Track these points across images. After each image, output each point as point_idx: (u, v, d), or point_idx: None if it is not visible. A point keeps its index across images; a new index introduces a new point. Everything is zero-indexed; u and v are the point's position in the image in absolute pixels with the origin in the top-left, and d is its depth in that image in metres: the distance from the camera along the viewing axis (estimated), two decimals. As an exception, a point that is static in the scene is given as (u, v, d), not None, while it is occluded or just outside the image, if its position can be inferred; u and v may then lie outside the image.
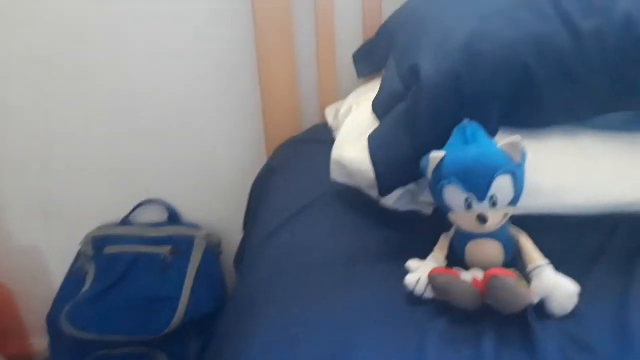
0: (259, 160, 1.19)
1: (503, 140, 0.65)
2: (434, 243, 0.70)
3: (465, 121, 0.68)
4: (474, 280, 0.64)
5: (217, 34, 1.17)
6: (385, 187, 0.76)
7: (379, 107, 0.83)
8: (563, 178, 0.74)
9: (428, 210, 0.79)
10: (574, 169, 0.74)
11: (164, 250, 1.22)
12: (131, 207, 1.30)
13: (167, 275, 1.20)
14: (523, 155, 0.66)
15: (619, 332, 0.58)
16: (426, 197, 0.77)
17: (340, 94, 1.13)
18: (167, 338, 1.15)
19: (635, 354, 0.55)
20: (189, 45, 1.18)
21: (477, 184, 0.64)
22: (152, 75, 1.21)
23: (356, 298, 0.67)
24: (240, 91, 1.22)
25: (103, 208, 1.30)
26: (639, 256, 0.68)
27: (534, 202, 0.71)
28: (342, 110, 1.00)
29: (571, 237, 0.72)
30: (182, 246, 1.24)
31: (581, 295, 0.62)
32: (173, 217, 1.31)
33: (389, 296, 0.66)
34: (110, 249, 1.23)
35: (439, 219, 0.71)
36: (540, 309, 0.62)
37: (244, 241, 1.10)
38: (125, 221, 1.30)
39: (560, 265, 0.64)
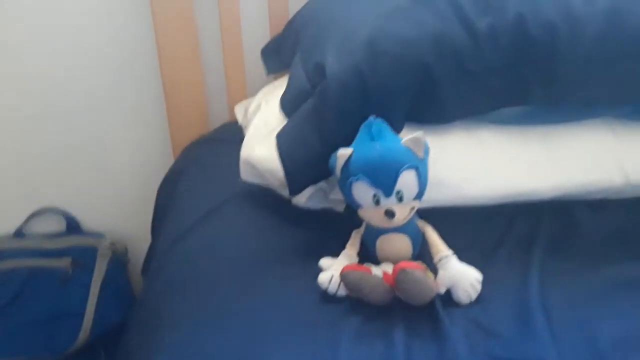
0: (166, 163, 1.15)
1: (407, 136, 0.67)
2: (347, 240, 0.71)
3: (372, 118, 0.69)
4: (385, 274, 0.65)
5: (116, 32, 1.12)
6: (295, 186, 0.76)
7: (287, 105, 0.82)
8: (463, 171, 0.77)
9: (340, 208, 0.80)
10: (472, 162, 0.78)
11: (64, 262, 1.14)
12: (25, 217, 1.21)
13: (68, 289, 1.13)
14: (426, 151, 0.68)
15: (520, 316, 0.62)
16: (337, 195, 0.77)
17: (249, 92, 1.12)
18: (75, 356, 1.08)
19: (536, 335, 0.59)
20: (86, 43, 1.12)
21: (384, 179, 0.65)
22: (46, 73, 1.13)
23: (269, 299, 0.67)
24: (142, 90, 1.17)
25: (-8, 219, 1.20)
26: (534, 242, 0.73)
27: (437, 195, 0.74)
28: (251, 108, 0.99)
29: (473, 227, 0.76)
30: (83, 258, 1.17)
31: (484, 282, 0.65)
32: (72, 226, 1.22)
33: (303, 296, 0.66)
34: (2, 265, 1.13)
35: (351, 216, 0.72)
36: (447, 298, 0.64)
37: (151, 248, 1.06)
38: (18, 233, 1.21)
39: (464, 254, 0.67)
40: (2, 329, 1.07)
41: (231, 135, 1.04)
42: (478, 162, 0.78)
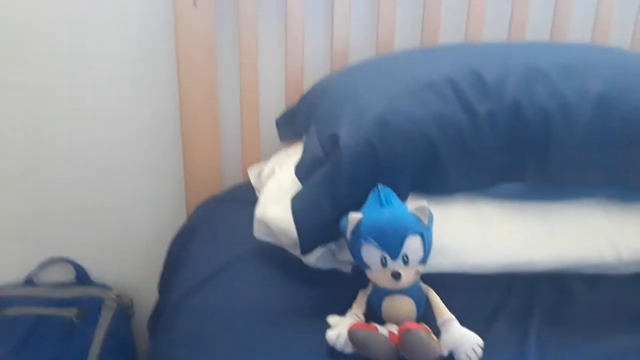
0: (177, 219, 1.18)
1: (412, 204, 0.72)
2: (353, 299, 0.74)
3: (380, 186, 0.75)
4: (390, 334, 0.68)
5: (139, 90, 1.18)
6: (307, 245, 0.80)
7: (301, 171, 0.88)
8: (463, 240, 0.82)
9: (347, 269, 0.84)
10: (472, 232, 0.83)
11: (70, 312, 1.16)
12: (35, 266, 1.23)
13: (72, 339, 1.14)
14: (430, 219, 0.73)
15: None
16: (345, 256, 0.81)
17: (263, 156, 1.18)
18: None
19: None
20: (107, 98, 1.18)
21: (391, 243, 0.70)
22: (65, 127, 1.18)
23: (279, 355, 0.69)
24: (161, 148, 1.22)
25: (3, 267, 1.22)
26: (531, 311, 0.76)
27: (439, 261, 0.78)
28: (265, 172, 1.04)
29: (472, 294, 0.79)
30: (89, 308, 1.18)
31: (484, 348, 0.68)
32: (81, 276, 1.25)
33: (312, 351, 0.69)
34: (9, 311, 1.15)
35: (358, 277, 0.75)
36: (449, 360, 0.67)
37: (160, 303, 1.08)
38: (28, 281, 1.23)
39: (463, 320, 0.70)
40: (4, 375, 1.07)
41: (244, 195, 1.09)
42: (478, 233, 0.83)
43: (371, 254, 0.70)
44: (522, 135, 0.80)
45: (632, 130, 0.81)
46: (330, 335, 0.69)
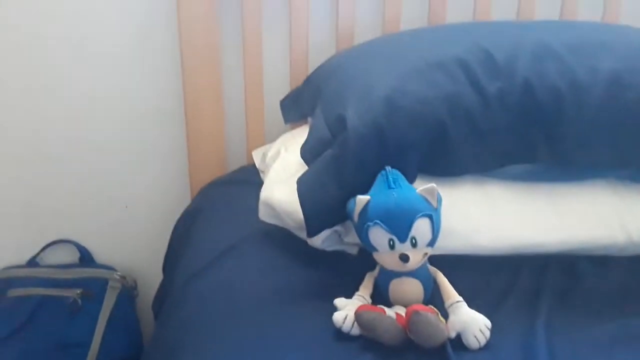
0: (182, 201, 1.18)
1: (421, 186, 0.71)
2: (360, 282, 0.74)
3: (388, 168, 0.73)
4: (398, 316, 0.67)
5: (142, 73, 1.17)
6: (313, 228, 0.79)
7: (308, 153, 0.87)
8: (472, 222, 0.81)
9: (354, 251, 0.83)
10: (481, 214, 0.82)
11: (74, 293, 1.16)
12: (39, 248, 1.23)
13: (76, 320, 1.14)
14: (439, 201, 0.72)
15: (527, 362, 0.64)
16: (352, 238, 0.81)
17: (267, 138, 1.17)
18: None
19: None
20: (112, 85, 1.17)
21: (399, 226, 0.69)
22: (67, 109, 1.17)
23: (285, 336, 0.69)
24: (165, 130, 1.21)
25: (8, 249, 1.22)
26: (540, 293, 0.75)
27: (448, 243, 0.77)
28: (270, 154, 1.03)
29: (481, 276, 0.79)
30: (94, 289, 1.18)
31: (493, 330, 0.67)
32: (85, 258, 1.25)
33: (318, 333, 0.68)
34: (14, 292, 1.15)
35: (364, 259, 0.75)
36: (457, 342, 0.67)
37: (164, 284, 1.08)
38: (32, 262, 1.23)
39: (472, 301, 0.70)
40: (10, 355, 1.07)
41: (248, 177, 1.08)
42: (486, 215, 0.82)
43: (379, 236, 0.69)
44: (533, 114, 0.79)
45: (643, 110, 0.80)
46: (337, 317, 0.69)
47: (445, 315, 0.69)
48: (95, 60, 1.15)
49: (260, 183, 0.94)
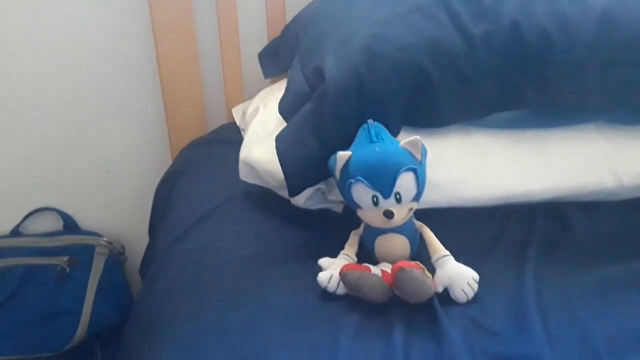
0: (163, 163, 1.16)
1: (405, 139, 0.68)
2: (345, 240, 0.72)
3: (370, 121, 0.70)
4: (383, 273, 0.66)
5: (114, 33, 1.13)
6: (294, 187, 0.77)
7: (286, 108, 0.83)
8: (459, 173, 0.79)
9: (338, 209, 0.81)
10: (468, 165, 0.79)
11: (61, 261, 1.15)
12: (21, 217, 1.21)
13: (65, 287, 1.14)
14: (424, 154, 0.69)
15: (516, 314, 0.63)
16: (336, 196, 0.78)
17: (247, 94, 1.13)
18: (71, 354, 1.09)
19: (532, 333, 0.60)
20: (85, 45, 1.13)
21: (382, 181, 0.66)
22: (42, 73, 1.13)
23: (269, 298, 0.68)
24: (141, 91, 1.17)
25: (-12, 219, 1.20)
26: (528, 243, 0.74)
27: (433, 196, 0.75)
28: (249, 111, 1.00)
29: (469, 229, 0.77)
30: (81, 256, 1.17)
31: (481, 282, 0.66)
32: (70, 226, 1.23)
33: (303, 295, 0.67)
34: (-1, 263, 1.14)
35: (349, 217, 0.73)
36: (445, 297, 0.66)
37: (149, 248, 1.07)
38: (15, 232, 1.21)
39: (459, 255, 0.68)
40: (-1, 326, 1.07)
41: (229, 136, 1.05)
42: (473, 165, 0.79)
43: (362, 193, 0.67)
44: (521, 57, 0.76)
45: (636, 48, 0.77)
46: (322, 277, 0.67)
47: (432, 270, 0.67)
48: (69, 27, 1.11)
49: (241, 141, 0.91)
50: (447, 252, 0.68)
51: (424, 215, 0.72)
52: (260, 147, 0.83)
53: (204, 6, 1.10)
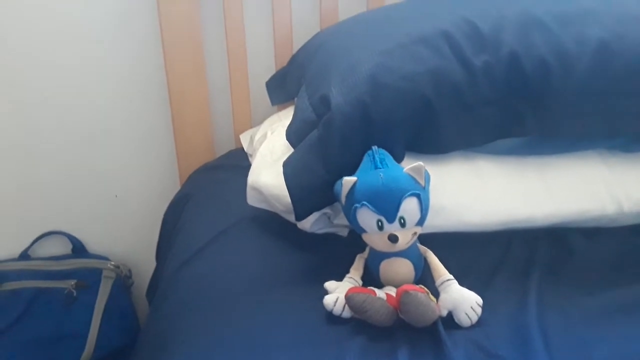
0: (172, 188, 1.17)
1: (408, 165, 0.70)
2: (351, 264, 0.73)
3: (374, 148, 0.72)
4: (388, 297, 0.67)
5: (127, 61, 1.16)
6: (301, 211, 0.79)
7: (293, 135, 0.85)
8: (462, 199, 0.80)
9: (344, 233, 0.82)
10: (471, 190, 0.81)
11: (68, 284, 1.16)
12: (30, 241, 1.22)
13: (72, 310, 1.15)
14: (427, 179, 0.71)
15: (519, 338, 0.64)
16: (342, 220, 0.80)
17: (254, 121, 1.15)
18: (77, 378, 1.09)
19: (535, 357, 0.61)
20: (97, 73, 1.16)
21: (387, 206, 0.68)
22: (53, 99, 1.16)
23: (275, 320, 0.68)
24: (151, 117, 1.20)
25: (-1, 242, 1.22)
26: (531, 268, 0.75)
27: (437, 221, 0.77)
28: (257, 137, 1.02)
29: (472, 253, 0.78)
30: (88, 279, 1.18)
31: (484, 306, 0.67)
32: (78, 249, 1.24)
33: (309, 316, 0.68)
34: (7, 286, 1.15)
35: (355, 241, 0.74)
36: (449, 320, 0.66)
37: (157, 272, 1.08)
38: (24, 255, 1.22)
39: (463, 279, 0.69)
40: (6, 348, 1.08)
41: (237, 161, 1.07)
42: (476, 190, 0.81)
43: (367, 217, 0.69)
44: (521, 86, 0.78)
45: (633, 79, 0.79)
46: (328, 299, 0.68)
47: (437, 294, 0.68)
48: (81, 54, 1.14)
49: (249, 167, 0.93)
50: (451, 276, 0.69)
51: (428, 239, 0.73)
52: (268, 172, 0.85)
53: (213, 35, 1.13)
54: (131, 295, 1.25)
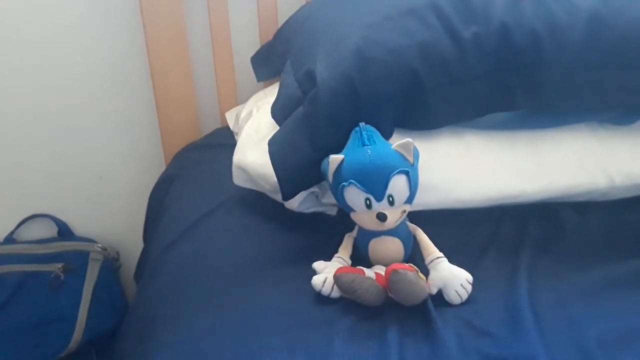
0: (157, 169, 1.15)
1: (397, 142, 0.68)
2: (339, 243, 0.72)
3: (362, 124, 0.70)
4: (377, 276, 0.66)
5: (106, 40, 1.13)
6: (287, 191, 0.77)
7: (278, 112, 0.83)
8: (451, 175, 0.79)
9: (332, 212, 0.81)
10: (461, 167, 0.79)
11: (55, 267, 1.14)
12: (15, 224, 1.20)
13: (60, 294, 1.13)
14: (416, 156, 0.69)
15: (509, 315, 0.63)
16: (329, 199, 0.79)
17: (240, 98, 1.13)
18: (67, 361, 1.09)
19: (525, 334, 0.60)
20: (78, 51, 1.13)
21: (375, 184, 0.66)
22: (37, 79, 1.13)
23: (263, 301, 0.68)
24: (134, 97, 1.17)
25: (-18, 226, 1.20)
26: (522, 245, 0.74)
27: (426, 198, 0.76)
28: (242, 115, 1.00)
29: (462, 230, 0.77)
30: (75, 262, 1.17)
31: (474, 283, 0.66)
32: (64, 232, 1.23)
33: (297, 298, 0.67)
34: (-7, 270, 1.13)
35: (343, 220, 0.73)
36: (438, 298, 0.66)
37: (144, 253, 1.06)
38: (9, 239, 1.21)
39: (453, 256, 0.68)
40: (-5, 333, 1.07)
41: (223, 140, 1.05)
42: (466, 166, 0.80)
43: (355, 196, 0.67)
44: (511, 59, 0.76)
45: (625, 50, 0.77)
46: (317, 280, 0.67)
47: (426, 272, 0.67)
48: (62, 35, 1.11)
49: (235, 145, 0.91)
50: (441, 254, 0.68)
51: (417, 217, 0.72)
52: (254, 151, 0.83)
53: (195, 11, 1.10)
54: (119, 277, 1.24)
